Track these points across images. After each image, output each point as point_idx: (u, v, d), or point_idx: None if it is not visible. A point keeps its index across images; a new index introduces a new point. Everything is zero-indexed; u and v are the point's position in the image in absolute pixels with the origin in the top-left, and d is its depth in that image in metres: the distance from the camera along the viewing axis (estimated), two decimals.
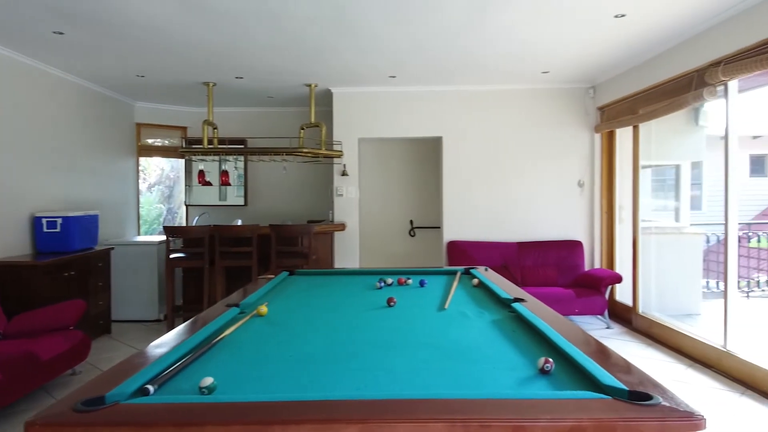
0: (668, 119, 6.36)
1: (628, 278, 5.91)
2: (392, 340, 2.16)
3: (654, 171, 7.41)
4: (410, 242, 7.69)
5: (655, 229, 6.56)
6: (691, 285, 6.49)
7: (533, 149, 6.63)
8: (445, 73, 5.94)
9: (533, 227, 6.63)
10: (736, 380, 4.06)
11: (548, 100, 6.60)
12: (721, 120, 4.42)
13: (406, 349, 2.01)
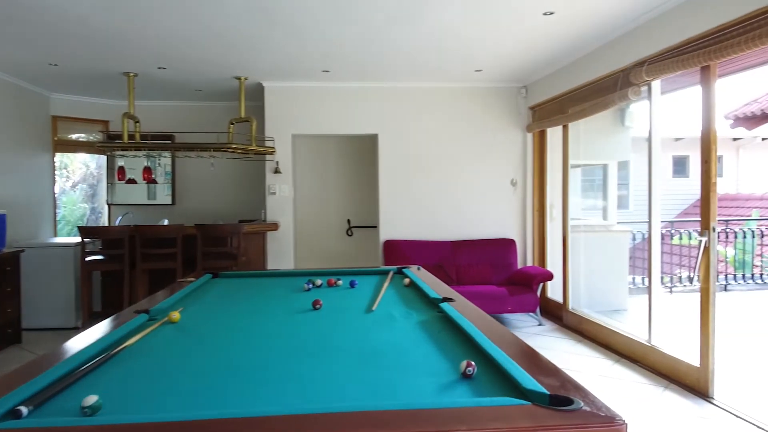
0: (596, 120, 6.54)
1: (559, 276, 6.02)
2: (312, 346, 2.02)
3: (583, 170, 7.62)
4: (347, 242, 7.56)
5: (585, 227, 6.73)
6: (618, 281, 6.69)
7: (468, 148, 6.65)
8: (379, 69, 5.84)
9: (468, 226, 6.65)
10: (660, 374, 4.18)
11: (482, 99, 6.64)
12: (645, 121, 4.54)
13: (325, 356, 1.88)
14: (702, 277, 3.73)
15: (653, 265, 4.41)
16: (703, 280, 3.73)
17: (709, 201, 3.64)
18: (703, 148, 3.70)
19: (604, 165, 6.84)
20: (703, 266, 3.70)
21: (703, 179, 3.69)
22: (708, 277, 3.68)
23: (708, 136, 3.65)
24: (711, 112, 3.64)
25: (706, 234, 3.64)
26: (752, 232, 8.25)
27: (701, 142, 3.70)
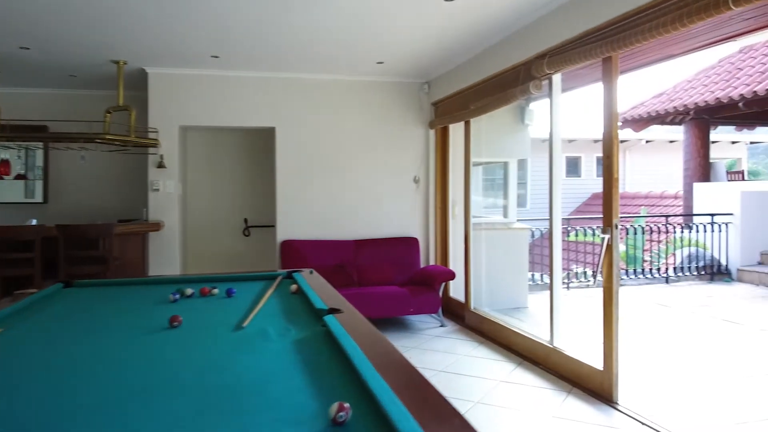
0: (497, 118, 6.46)
1: (461, 274, 5.86)
2: (149, 382, 1.56)
3: (485, 168, 7.56)
4: (244, 243, 6.99)
5: (486, 225, 6.64)
6: (518, 279, 6.67)
7: (371, 144, 6.33)
8: (275, 57, 5.36)
9: (370, 224, 6.33)
10: (564, 378, 4.06)
11: (385, 94, 6.35)
12: (544, 120, 4.44)
13: (161, 397, 1.44)
14: (605, 275, 3.63)
15: (555, 264, 4.30)
16: (605, 279, 3.63)
17: (611, 198, 3.54)
18: (605, 144, 3.60)
19: (505, 163, 6.80)
20: (606, 264, 3.60)
21: (605, 176, 3.59)
22: (611, 275, 3.58)
23: (610, 132, 3.55)
24: (613, 106, 3.55)
25: (609, 231, 3.54)
26: (641, 229, 8.63)
27: (603, 136, 3.60)
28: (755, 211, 8.50)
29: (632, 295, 7.39)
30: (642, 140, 17.98)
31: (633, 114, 10.93)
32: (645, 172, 18.35)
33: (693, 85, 10.24)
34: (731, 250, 8.53)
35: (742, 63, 9.67)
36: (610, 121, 3.54)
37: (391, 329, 5.58)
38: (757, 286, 7.97)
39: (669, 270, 8.59)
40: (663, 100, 10.52)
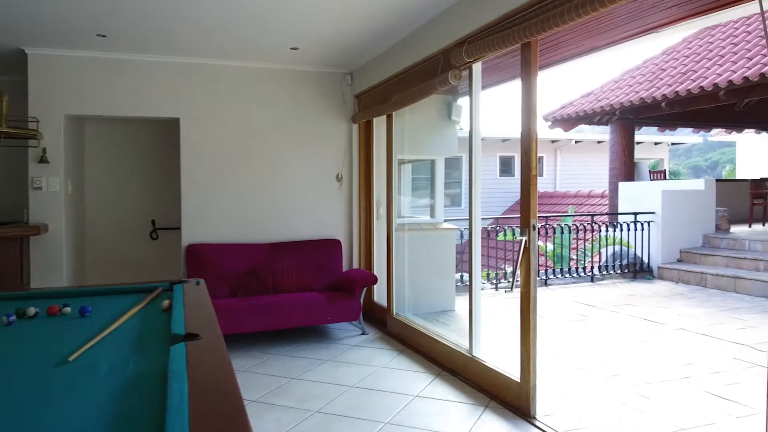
0: (422, 113, 6.18)
1: (384, 278, 5.53)
2: None
3: (414, 167, 7.27)
4: (151, 247, 6.37)
5: (412, 225, 6.35)
6: (445, 281, 6.42)
7: (289, 139, 5.89)
8: (173, 39, 4.83)
9: (289, 226, 5.89)
10: (482, 390, 3.79)
11: (305, 85, 5.92)
12: (466, 112, 4.15)
13: None
14: (522, 279, 3.37)
15: (474, 268, 4.03)
16: (523, 284, 3.37)
17: (529, 196, 3.28)
18: (523, 138, 3.34)
19: (432, 161, 6.52)
20: (524, 268, 3.35)
21: (523, 172, 3.33)
22: (529, 280, 3.32)
23: (528, 125, 3.29)
24: (532, 97, 3.29)
25: (527, 233, 3.28)
26: (568, 228, 8.61)
27: (522, 130, 3.34)
28: (675, 209, 8.67)
29: (558, 296, 7.31)
30: (572, 141, 18.37)
31: (562, 113, 11.00)
32: (574, 172, 18.77)
33: (619, 86, 10.39)
34: (653, 248, 8.66)
35: (665, 64, 9.89)
36: (528, 113, 3.28)
37: (308, 340, 5.17)
38: (677, 283, 8.11)
39: (594, 269, 8.62)
40: (591, 100, 10.63)
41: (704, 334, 5.29)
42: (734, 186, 10.47)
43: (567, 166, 18.79)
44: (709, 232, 8.84)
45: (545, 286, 8.01)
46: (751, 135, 15.59)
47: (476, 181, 3.99)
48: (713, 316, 6.02)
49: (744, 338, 5.08)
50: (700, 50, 9.41)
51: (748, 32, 8.80)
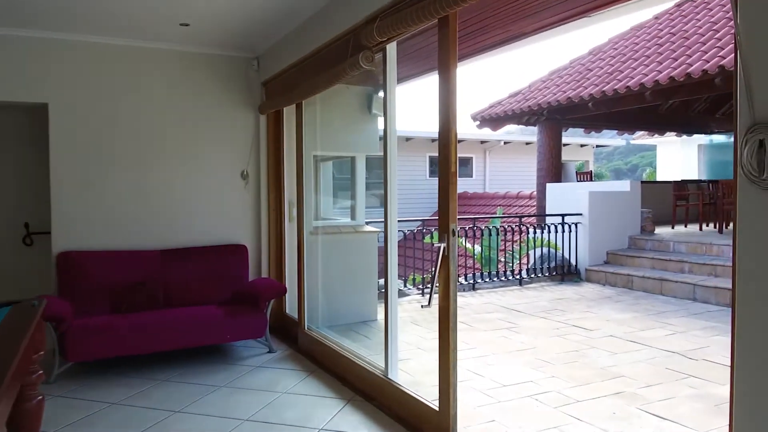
0: (339, 104, 5.64)
1: (296, 288, 4.93)
2: None
3: (340, 165, 6.70)
4: (24, 254, 5.43)
5: (331, 228, 5.79)
6: (367, 288, 5.90)
7: (186, 131, 5.17)
8: (34, 8, 4.01)
9: (185, 230, 5.17)
10: (398, 419, 3.27)
11: (204, 69, 5.22)
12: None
13: None
14: (441, 292, 2.88)
15: (390, 279, 3.51)
16: (441, 297, 2.88)
17: (448, 197, 2.79)
18: (442, 129, 2.85)
19: (352, 158, 5.97)
20: (442, 279, 2.85)
21: (441, 169, 2.84)
22: (448, 292, 2.83)
23: (447, 115, 2.81)
24: (451, 82, 2.80)
25: (445, 239, 2.79)
26: (497, 230, 8.31)
27: (439, 119, 2.85)
28: (602, 211, 8.57)
29: (486, 301, 6.96)
30: (501, 141, 18.39)
31: (491, 113, 10.78)
32: (504, 173, 18.82)
33: (547, 86, 10.27)
34: (580, 250, 8.51)
35: (591, 64, 9.84)
36: (447, 99, 2.80)
37: (204, 361, 4.49)
38: (604, 285, 7.98)
39: (523, 271, 8.37)
40: (519, 100, 10.46)
41: (634, 341, 5.04)
42: (657, 188, 10.59)
43: (496, 166, 18.81)
44: (634, 233, 8.81)
45: (473, 290, 7.66)
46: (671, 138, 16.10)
47: (391, 178, 3.48)
48: (641, 320, 5.82)
49: (673, 345, 4.86)
50: (626, 51, 9.41)
51: (672, 33, 8.85)
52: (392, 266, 3.50)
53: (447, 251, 2.77)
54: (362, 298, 5.87)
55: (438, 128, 2.86)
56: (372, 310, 5.97)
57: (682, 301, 6.79)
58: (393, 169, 3.46)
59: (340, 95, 5.73)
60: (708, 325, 5.57)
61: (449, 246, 2.77)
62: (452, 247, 2.77)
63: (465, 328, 5.54)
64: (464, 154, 18.19)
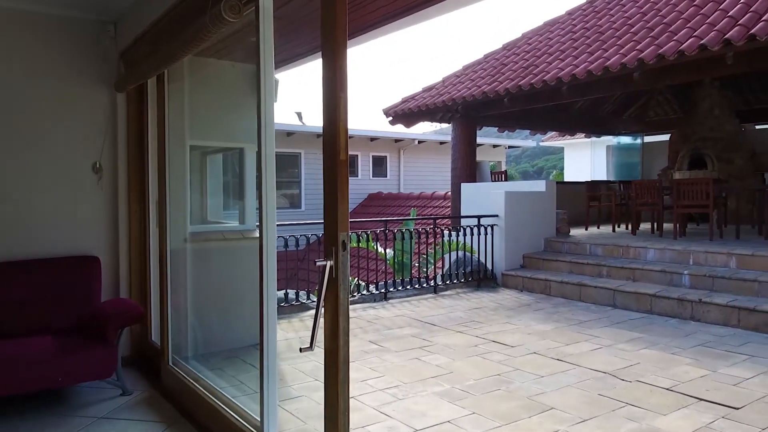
0: (221, 85, 4.71)
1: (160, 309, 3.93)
2: None
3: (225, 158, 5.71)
4: None
5: (211, 235, 4.83)
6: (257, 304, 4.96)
7: (16, 112, 4.01)
8: None
9: (18, 238, 4.01)
10: None
11: (44, 34, 4.09)
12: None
13: None
14: (327, 328, 2.06)
15: (266, 298, 2.66)
16: (329, 336, 2.06)
17: (336, 197, 1.98)
18: (327, 100, 2.03)
19: (240, 150, 5.02)
20: (329, 310, 2.03)
21: (326, 160, 2.02)
22: (337, 329, 2.01)
23: (335, 104, 1.99)
24: (338, 34, 1.99)
25: (333, 254, 1.97)
26: (410, 233, 7.64)
27: (324, 111, 2.03)
28: (518, 212, 8.14)
29: (399, 313, 6.24)
30: (415, 141, 17.94)
31: (404, 108, 10.14)
32: (419, 173, 18.39)
33: (461, 80, 9.78)
34: (497, 254, 8.04)
35: (506, 59, 9.45)
36: (333, 62, 1.98)
37: (31, 409, 3.40)
38: (521, 292, 7.53)
39: (438, 277, 7.76)
40: (433, 95, 9.89)
41: (559, 359, 4.48)
42: (570, 188, 10.40)
43: (411, 166, 18.35)
44: (550, 235, 8.46)
45: (385, 300, 6.92)
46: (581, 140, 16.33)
47: (268, 172, 2.61)
48: (564, 332, 5.32)
49: (602, 363, 4.34)
50: (540, 45, 9.09)
51: (586, 29, 8.60)
52: (268, 285, 2.64)
53: (335, 272, 1.96)
54: (252, 316, 4.91)
55: (323, 104, 2.04)
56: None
57: (603, 307, 6.43)
58: (269, 163, 2.60)
59: (226, 74, 4.79)
60: (633, 336, 5.15)
61: (338, 264, 1.95)
62: (342, 266, 1.96)
63: (374, 350, 4.76)
64: (378, 153, 17.59)
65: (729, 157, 9.98)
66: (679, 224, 7.84)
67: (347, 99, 1.95)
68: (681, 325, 5.54)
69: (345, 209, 1.96)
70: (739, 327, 5.34)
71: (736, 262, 6.21)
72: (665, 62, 6.13)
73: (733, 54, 5.58)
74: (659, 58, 6.15)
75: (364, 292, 6.99)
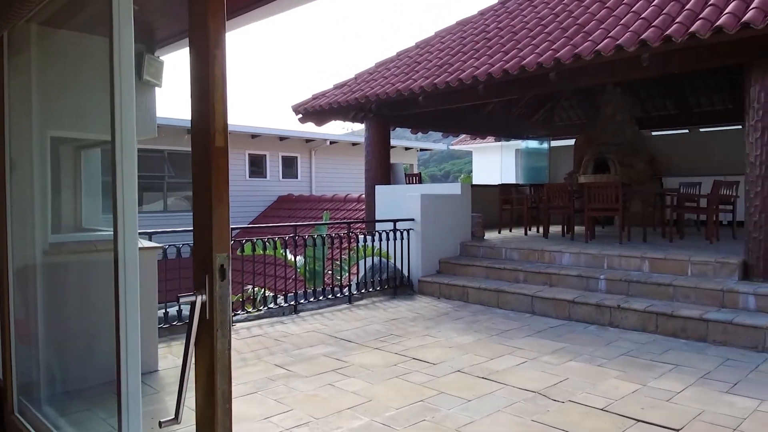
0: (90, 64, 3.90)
1: None
2: None
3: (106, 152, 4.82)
4: None
5: (79, 246, 3.99)
6: (141, 326, 4.18)
7: None
8: None
9: None
10: None
11: None
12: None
13: None
14: (200, 396, 1.45)
15: (123, 325, 2.02)
16: (201, 403, 1.44)
17: (210, 207, 1.38)
18: (196, 93, 1.42)
19: (112, 143, 4.20)
20: (202, 367, 1.42)
21: (197, 154, 1.42)
22: (212, 392, 1.41)
23: (207, 66, 1.39)
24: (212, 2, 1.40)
25: (204, 285, 1.37)
26: (322, 239, 7.06)
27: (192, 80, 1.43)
28: (435, 216, 7.81)
29: (311, 328, 5.64)
30: (327, 141, 17.36)
31: (314, 105, 9.53)
32: (331, 174, 17.81)
33: (374, 77, 9.34)
34: (413, 259, 7.66)
35: (419, 57, 9.12)
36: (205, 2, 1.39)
37: None
38: (438, 299, 7.19)
39: (352, 286, 7.24)
40: (345, 92, 9.37)
41: (485, 377, 4.11)
42: (483, 191, 10.28)
43: (323, 168, 17.73)
44: (466, 239, 8.21)
45: (295, 313, 6.30)
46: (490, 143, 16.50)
47: (125, 166, 1.97)
48: (487, 345, 4.99)
49: (530, 381, 4.01)
50: (453, 44, 8.85)
51: (499, 28, 8.45)
52: (127, 307, 2.01)
53: (210, 311, 1.36)
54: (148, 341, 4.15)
55: (190, 61, 1.44)
56: (150, 358, 4.33)
57: (522, 314, 6.20)
58: (127, 156, 1.96)
59: (95, 50, 3.98)
60: (556, 346, 4.91)
61: (214, 300, 1.36)
62: (221, 303, 1.37)
63: (280, 376, 4.14)
64: (288, 153, 16.82)
65: (630, 161, 10.28)
66: (588, 227, 7.87)
67: (225, 59, 1.37)
68: (601, 332, 5.40)
69: (224, 219, 1.37)
70: (658, 333, 5.26)
71: (648, 265, 6.20)
72: (582, 63, 6.02)
73: (648, 55, 5.53)
74: (576, 58, 6.02)
75: (271, 305, 6.33)
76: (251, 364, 4.41)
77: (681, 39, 5.16)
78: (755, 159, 5.37)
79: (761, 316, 4.90)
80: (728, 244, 7.01)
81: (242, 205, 14.98)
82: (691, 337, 5.06)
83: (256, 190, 15.61)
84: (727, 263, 5.66)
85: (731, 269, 5.61)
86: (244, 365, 4.40)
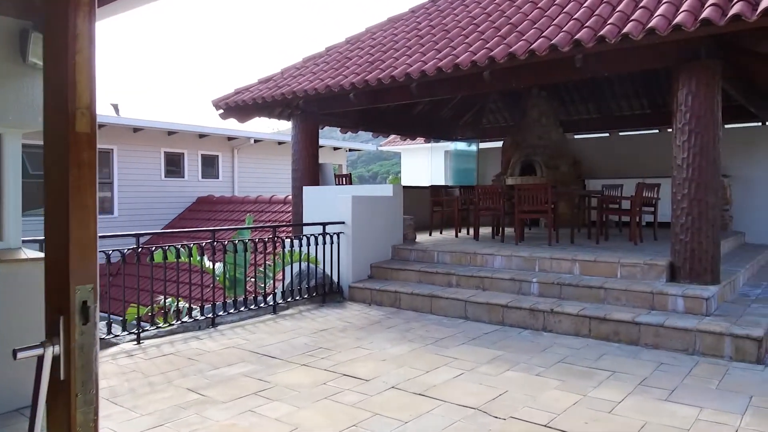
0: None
1: None
2: None
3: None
4: None
5: None
6: None
7: None
8: None
9: None
10: None
11: None
12: None
13: None
14: None
15: None
16: None
17: (66, 218, 0.96)
18: (50, 55, 1.00)
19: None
20: None
21: (50, 143, 1.00)
22: None
23: (66, 20, 0.97)
24: None
25: (57, 333, 0.96)
26: (244, 244, 6.55)
27: (46, 40, 1.00)
28: (366, 218, 7.49)
29: (229, 344, 5.15)
30: (251, 140, 16.63)
31: (237, 100, 8.95)
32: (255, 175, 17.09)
33: (302, 73, 8.89)
34: (343, 264, 7.30)
35: (350, 53, 8.77)
36: None
37: None
38: (370, 306, 6.87)
39: (277, 294, 6.78)
40: (270, 86, 8.86)
41: (422, 393, 3.82)
42: (414, 193, 10.08)
43: (247, 168, 16.98)
44: (398, 243, 7.96)
45: (213, 327, 5.76)
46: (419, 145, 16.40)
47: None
48: (422, 356, 4.72)
49: (469, 396, 3.77)
50: (385, 41, 8.58)
51: (431, 26, 8.26)
52: None
53: (67, 369, 0.95)
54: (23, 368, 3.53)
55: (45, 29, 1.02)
56: None
57: (455, 320, 6.00)
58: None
59: None
60: (492, 355, 4.72)
61: (71, 354, 0.95)
62: (83, 356, 0.96)
63: (193, 403, 3.66)
64: (209, 151, 15.95)
65: (555, 164, 10.44)
66: (518, 229, 7.83)
67: (93, 14, 0.96)
68: (536, 338, 5.28)
69: (88, 235, 0.96)
70: (591, 337, 5.21)
71: (579, 268, 6.18)
72: (516, 62, 5.90)
73: (582, 57, 5.48)
74: (510, 57, 5.89)
75: (185, 318, 5.75)
76: (159, 390, 3.88)
77: (614, 40, 5.14)
78: (682, 162, 5.44)
79: (690, 318, 4.95)
80: (652, 246, 7.16)
81: (156, 207, 14.02)
82: (623, 340, 5.03)
83: (173, 191, 14.65)
84: (655, 265, 5.72)
85: (659, 271, 5.66)
86: (151, 391, 3.86)
